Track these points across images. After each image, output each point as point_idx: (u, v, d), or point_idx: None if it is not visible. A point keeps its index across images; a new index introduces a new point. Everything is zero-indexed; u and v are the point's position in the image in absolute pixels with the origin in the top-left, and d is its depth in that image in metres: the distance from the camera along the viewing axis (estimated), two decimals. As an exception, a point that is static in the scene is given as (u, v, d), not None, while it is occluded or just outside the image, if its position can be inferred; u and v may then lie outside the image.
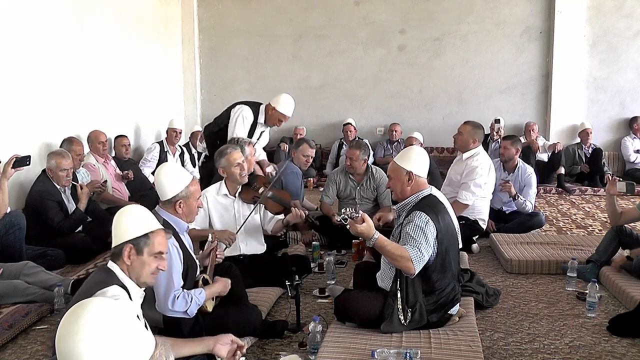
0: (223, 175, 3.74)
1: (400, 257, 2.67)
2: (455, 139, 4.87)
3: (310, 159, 5.15)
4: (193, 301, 2.60)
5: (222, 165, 3.70)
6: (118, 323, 1.33)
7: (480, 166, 4.63)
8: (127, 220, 2.15)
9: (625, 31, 8.10)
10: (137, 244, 2.12)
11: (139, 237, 2.12)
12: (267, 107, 4.89)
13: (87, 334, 1.29)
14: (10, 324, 3.08)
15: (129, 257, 2.10)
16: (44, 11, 5.20)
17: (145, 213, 2.22)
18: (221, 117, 4.98)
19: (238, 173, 3.67)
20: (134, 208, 2.23)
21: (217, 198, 3.73)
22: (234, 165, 3.67)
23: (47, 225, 4.32)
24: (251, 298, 3.21)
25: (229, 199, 3.75)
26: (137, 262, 2.11)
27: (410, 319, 2.78)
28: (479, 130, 4.78)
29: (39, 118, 5.10)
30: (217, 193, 3.74)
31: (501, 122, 7.58)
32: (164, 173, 2.74)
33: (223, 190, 3.75)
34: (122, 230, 2.14)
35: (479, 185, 4.61)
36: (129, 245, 2.11)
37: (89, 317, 1.32)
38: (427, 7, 8.48)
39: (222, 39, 8.89)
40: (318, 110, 8.85)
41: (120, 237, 2.13)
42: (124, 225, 2.14)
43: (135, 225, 2.14)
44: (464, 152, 4.76)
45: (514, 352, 2.87)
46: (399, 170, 2.90)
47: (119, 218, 2.17)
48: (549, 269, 4.11)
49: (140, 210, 2.23)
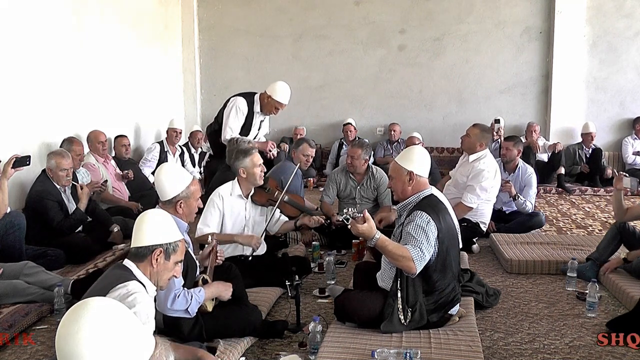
0: (242, 175, 3.68)
1: (402, 257, 2.67)
2: (463, 141, 4.86)
3: (310, 158, 5.14)
4: (193, 299, 2.59)
5: (245, 166, 3.65)
6: (118, 323, 1.33)
7: (487, 169, 4.61)
8: (161, 223, 2.16)
9: (625, 31, 8.10)
10: (167, 249, 2.13)
11: (170, 242, 2.14)
12: (262, 96, 4.85)
13: (88, 333, 1.29)
14: (10, 324, 3.08)
15: (156, 260, 2.11)
16: (43, 11, 5.20)
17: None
18: (220, 114, 4.97)
19: (258, 174, 3.66)
20: (165, 213, 2.26)
21: (230, 199, 3.70)
22: (257, 166, 3.64)
23: (47, 225, 4.32)
24: (251, 298, 3.21)
25: (241, 201, 3.74)
26: (162, 267, 2.13)
27: (410, 319, 2.78)
28: (487, 134, 4.77)
29: (39, 118, 5.10)
30: (230, 194, 3.71)
31: (501, 122, 7.58)
32: (164, 173, 2.74)
33: (237, 190, 3.71)
34: (155, 232, 2.13)
35: (484, 188, 4.58)
36: (159, 249, 2.11)
37: (89, 317, 1.31)
38: (427, 7, 8.48)
39: (222, 39, 8.89)
40: (318, 110, 8.86)
41: (151, 239, 2.12)
42: (157, 228, 2.14)
43: (168, 231, 2.16)
44: (470, 154, 4.75)
45: (514, 352, 2.87)
46: (400, 170, 2.90)
47: (152, 219, 2.16)
48: (549, 269, 4.10)
49: (170, 216, 2.26)
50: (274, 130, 8.26)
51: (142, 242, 2.12)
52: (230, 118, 4.75)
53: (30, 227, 4.04)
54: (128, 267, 2.12)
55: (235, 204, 3.72)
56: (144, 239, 2.12)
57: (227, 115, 4.77)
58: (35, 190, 4.40)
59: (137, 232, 2.15)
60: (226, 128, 4.74)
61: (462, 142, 4.88)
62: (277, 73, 8.66)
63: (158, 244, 2.11)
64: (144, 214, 2.20)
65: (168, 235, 2.15)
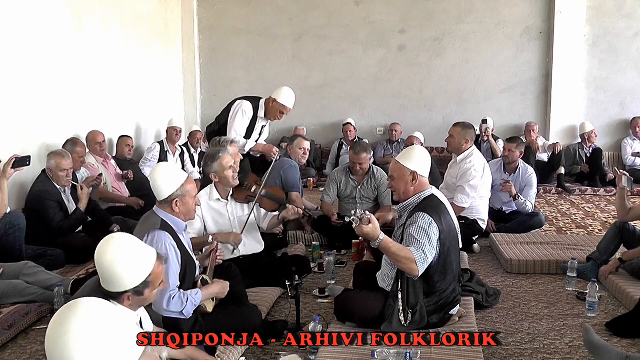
0: (215, 180, 3.67)
1: (405, 259, 2.66)
2: (448, 143, 4.85)
3: (306, 151, 5.14)
4: (189, 302, 2.57)
5: (214, 170, 3.63)
6: (107, 323, 1.32)
7: (474, 168, 4.61)
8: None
9: (625, 31, 8.10)
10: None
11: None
12: (267, 101, 4.87)
13: (77, 335, 1.27)
14: (10, 324, 3.08)
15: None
16: (44, 12, 5.20)
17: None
18: (222, 115, 4.97)
19: (231, 176, 3.62)
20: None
21: (209, 203, 3.68)
22: (227, 169, 3.61)
23: (47, 225, 4.32)
24: (251, 298, 3.21)
25: (221, 203, 3.72)
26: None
27: (410, 320, 2.78)
28: (469, 130, 4.76)
29: (39, 118, 5.10)
30: (209, 198, 3.69)
31: (489, 122, 7.55)
32: (157, 173, 2.71)
33: (214, 194, 3.70)
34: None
35: (474, 187, 4.59)
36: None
37: (77, 319, 1.30)
38: (427, 7, 8.48)
39: (222, 39, 8.89)
40: (318, 110, 8.86)
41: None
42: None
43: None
44: (458, 154, 4.75)
45: (514, 352, 2.87)
46: (403, 170, 2.88)
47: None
48: (549, 269, 4.10)
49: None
50: (274, 130, 8.26)
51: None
52: (235, 121, 4.76)
53: (30, 227, 4.03)
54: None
55: (216, 208, 3.69)
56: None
57: (233, 118, 4.78)
58: (36, 191, 4.40)
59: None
60: (231, 130, 4.74)
61: (448, 145, 4.86)
62: (277, 73, 8.70)
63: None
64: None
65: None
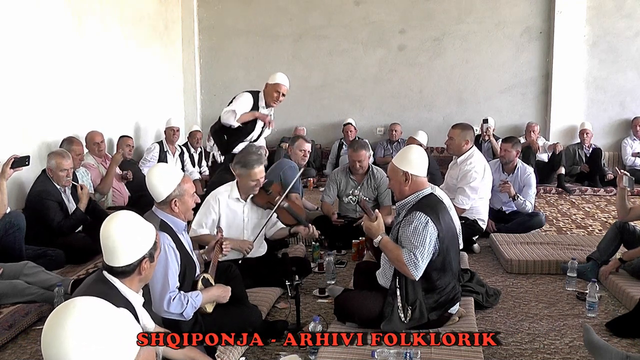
0: (238, 179, 3.69)
1: (397, 261, 2.73)
2: (448, 145, 4.85)
3: (307, 153, 5.13)
4: (189, 304, 2.57)
5: (242, 175, 3.65)
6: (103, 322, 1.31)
7: (474, 169, 4.62)
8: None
9: (625, 31, 8.10)
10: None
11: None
12: (263, 90, 4.93)
13: (73, 334, 1.27)
14: (10, 324, 3.09)
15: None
16: (44, 11, 5.20)
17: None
18: None
19: (252, 188, 3.65)
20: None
21: (228, 201, 3.68)
22: (253, 181, 3.63)
23: (47, 225, 4.31)
24: (251, 298, 3.21)
25: (239, 203, 3.71)
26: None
27: (410, 317, 2.78)
28: (468, 130, 4.77)
29: (38, 118, 5.10)
30: (228, 196, 3.68)
31: (490, 122, 7.54)
32: (154, 175, 2.70)
33: (235, 193, 3.69)
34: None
35: (474, 189, 4.60)
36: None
37: (74, 318, 1.30)
38: (427, 7, 8.48)
39: (222, 39, 8.89)
40: (318, 110, 8.86)
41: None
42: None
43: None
44: (459, 156, 4.76)
45: (514, 352, 2.87)
46: (395, 171, 2.90)
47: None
48: (549, 269, 4.10)
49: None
50: (274, 130, 8.20)
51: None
52: (235, 103, 4.80)
53: (30, 227, 4.03)
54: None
55: (233, 207, 3.69)
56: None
57: (233, 102, 4.84)
58: (36, 191, 4.40)
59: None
60: (229, 109, 4.75)
61: (448, 147, 4.86)
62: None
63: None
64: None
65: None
